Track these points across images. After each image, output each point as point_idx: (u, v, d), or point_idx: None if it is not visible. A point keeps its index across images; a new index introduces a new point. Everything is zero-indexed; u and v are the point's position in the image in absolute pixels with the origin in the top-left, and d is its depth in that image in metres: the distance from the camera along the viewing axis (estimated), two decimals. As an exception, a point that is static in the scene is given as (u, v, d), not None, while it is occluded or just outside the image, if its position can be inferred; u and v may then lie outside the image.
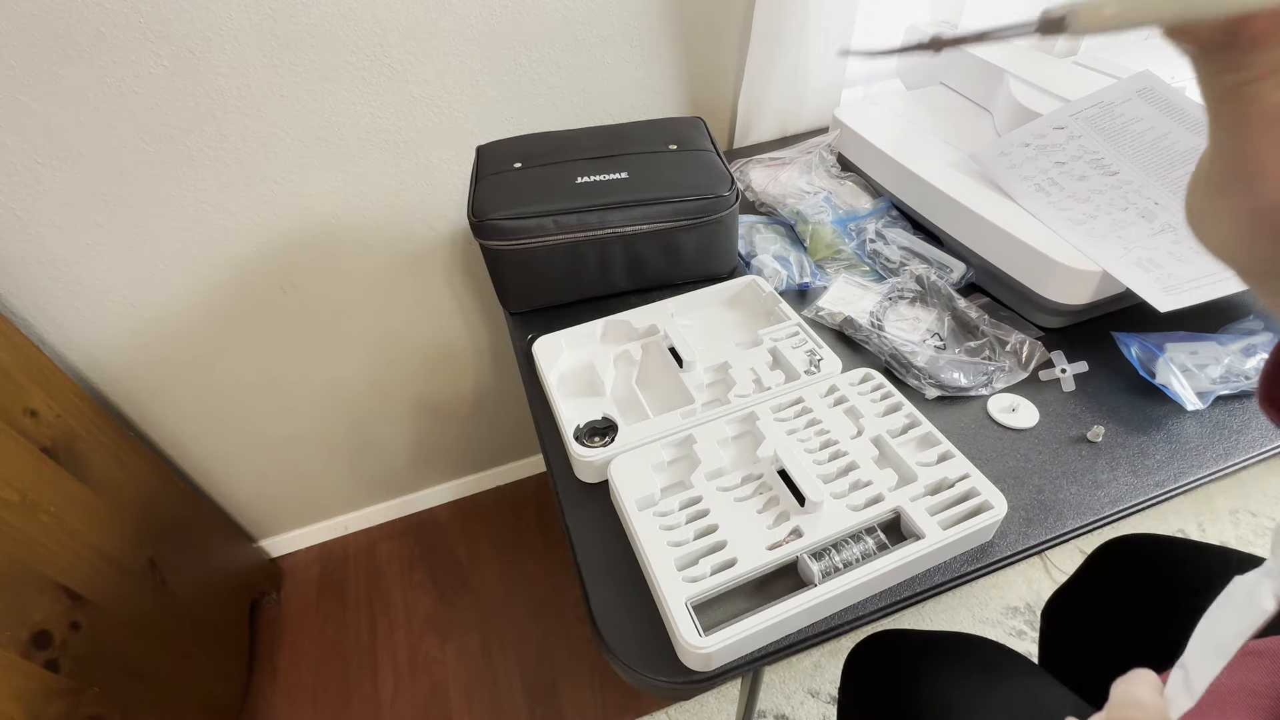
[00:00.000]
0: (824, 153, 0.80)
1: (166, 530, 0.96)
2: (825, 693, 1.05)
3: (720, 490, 0.48)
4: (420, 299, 1.01)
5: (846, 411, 0.52)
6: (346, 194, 0.86)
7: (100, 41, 0.67)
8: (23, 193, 0.74)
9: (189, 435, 1.03)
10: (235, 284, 0.89)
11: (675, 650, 0.41)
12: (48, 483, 0.76)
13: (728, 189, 0.64)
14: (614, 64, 0.86)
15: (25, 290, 0.80)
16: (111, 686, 0.78)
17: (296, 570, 1.28)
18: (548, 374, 0.58)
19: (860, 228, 0.71)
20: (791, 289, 0.68)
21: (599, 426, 0.53)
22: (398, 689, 1.11)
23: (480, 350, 1.13)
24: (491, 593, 1.22)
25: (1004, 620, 1.12)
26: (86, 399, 0.86)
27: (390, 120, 0.81)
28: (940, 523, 0.44)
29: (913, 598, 0.44)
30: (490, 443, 1.30)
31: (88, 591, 0.77)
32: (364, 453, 1.20)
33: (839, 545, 0.44)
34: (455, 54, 0.79)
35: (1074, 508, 0.48)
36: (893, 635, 0.57)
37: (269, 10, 0.70)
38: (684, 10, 0.84)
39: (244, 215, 0.84)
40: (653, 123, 0.73)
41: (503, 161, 0.68)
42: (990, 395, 0.56)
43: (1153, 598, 0.54)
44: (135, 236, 0.81)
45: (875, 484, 0.46)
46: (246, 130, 0.77)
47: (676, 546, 0.44)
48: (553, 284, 0.66)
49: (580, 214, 0.62)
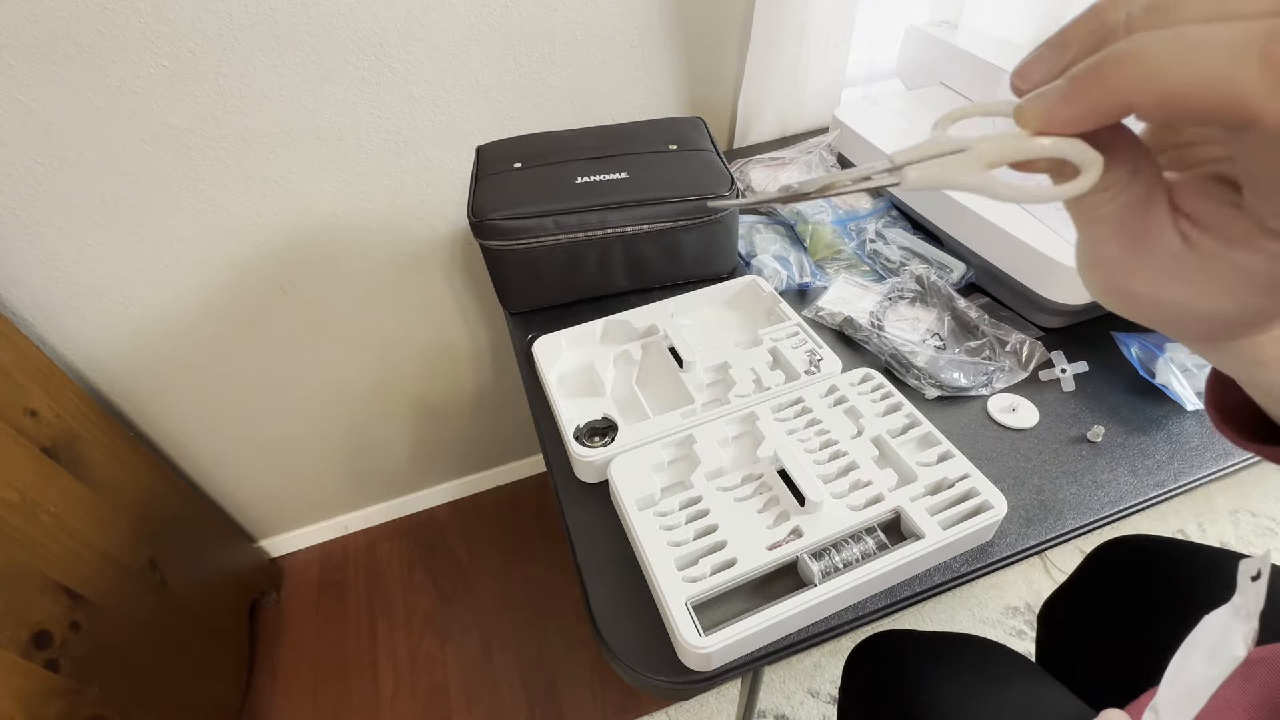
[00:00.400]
0: (824, 153, 0.80)
1: (166, 530, 0.96)
2: (825, 693, 1.05)
3: (720, 490, 0.48)
4: (420, 299, 1.01)
5: (846, 411, 0.52)
6: (346, 194, 0.86)
7: (100, 41, 0.67)
8: (23, 193, 0.74)
9: (189, 435, 1.03)
10: (235, 284, 0.89)
11: (675, 650, 0.42)
12: (48, 483, 0.76)
13: (728, 189, 0.64)
14: (614, 64, 0.86)
15: (25, 290, 0.80)
16: (111, 686, 0.78)
17: (296, 570, 1.28)
18: (548, 374, 0.58)
19: (860, 228, 0.71)
20: (791, 289, 0.68)
21: (599, 426, 0.53)
22: (398, 689, 1.11)
23: (480, 350, 1.13)
24: (491, 593, 1.22)
25: (1004, 620, 1.11)
26: (87, 399, 0.86)
27: (390, 120, 0.81)
28: (940, 523, 0.44)
29: (913, 598, 0.44)
30: (490, 443, 1.30)
31: (88, 591, 0.77)
32: (364, 453, 1.20)
33: (839, 545, 0.44)
34: (455, 54, 0.79)
35: (1074, 508, 0.48)
36: (893, 635, 0.57)
37: (269, 10, 0.70)
38: (684, 10, 0.84)
39: (244, 215, 0.84)
40: (653, 123, 0.73)
41: (503, 161, 0.68)
42: (990, 395, 0.56)
43: (1152, 598, 0.54)
44: (135, 236, 0.81)
45: (875, 484, 0.46)
46: (246, 130, 0.77)
47: (676, 546, 0.44)
48: (553, 284, 0.66)
49: (580, 214, 0.62)
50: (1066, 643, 0.63)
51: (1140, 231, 0.18)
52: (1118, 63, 0.15)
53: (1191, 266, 0.18)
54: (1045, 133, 0.17)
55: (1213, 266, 0.18)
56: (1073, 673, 0.56)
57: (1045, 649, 0.66)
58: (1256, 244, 0.17)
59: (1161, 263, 0.18)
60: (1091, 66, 0.16)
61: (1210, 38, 0.14)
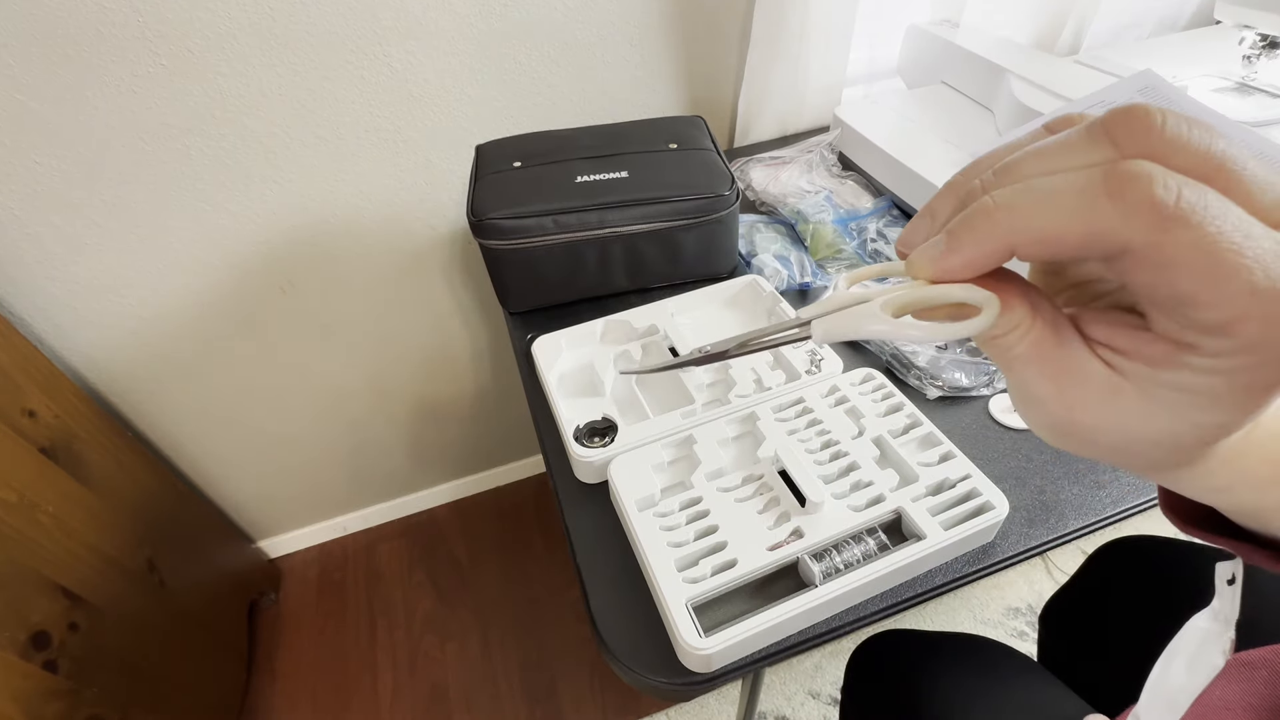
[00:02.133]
0: (825, 152, 0.80)
1: (165, 531, 0.96)
2: (826, 694, 1.04)
3: (720, 491, 0.47)
4: (420, 299, 1.01)
5: (847, 412, 0.52)
6: (346, 193, 0.86)
7: (99, 41, 0.67)
8: (21, 192, 0.73)
9: (187, 435, 1.03)
10: (234, 284, 0.89)
11: (675, 651, 0.41)
12: (46, 483, 0.75)
13: (728, 188, 0.64)
14: (614, 63, 0.85)
15: (24, 290, 0.80)
16: (110, 687, 0.78)
17: (295, 571, 1.28)
18: (547, 374, 0.57)
19: (861, 227, 0.71)
20: (792, 289, 0.67)
21: (599, 426, 0.53)
22: (397, 689, 1.11)
23: (480, 350, 1.13)
24: (491, 593, 1.22)
25: (1005, 621, 1.11)
26: (85, 399, 0.85)
27: (390, 120, 0.81)
28: (941, 523, 0.44)
29: (914, 599, 0.44)
30: (490, 443, 1.30)
31: (86, 592, 0.77)
32: (363, 452, 1.20)
33: (840, 546, 0.43)
34: (455, 53, 0.78)
35: (1076, 508, 0.47)
36: (894, 636, 0.57)
37: (268, 10, 0.70)
38: (684, 9, 0.83)
39: (243, 215, 0.83)
40: (653, 121, 0.73)
41: (502, 161, 0.67)
42: (992, 395, 0.55)
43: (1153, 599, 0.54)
44: (134, 236, 0.81)
45: (876, 484, 0.46)
46: (246, 130, 0.77)
47: (677, 547, 0.44)
48: (552, 284, 0.66)
49: (580, 213, 0.61)
50: (1068, 643, 0.62)
51: (1065, 366, 0.19)
52: (984, 213, 0.17)
53: (1127, 392, 0.18)
54: (938, 281, 0.19)
55: (1146, 390, 0.18)
56: (1075, 673, 0.56)
57: (1047, 650, 0.66)
58: (1178, 360, 0.17)
59: (1098, 392, 0.18)
60: (963, 219, 0.18)
61: (1056, 186, 0.16)
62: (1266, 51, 0.72)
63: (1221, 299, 0.15)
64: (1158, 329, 0.17)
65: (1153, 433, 0.18)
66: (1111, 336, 0.19)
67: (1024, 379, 0.20)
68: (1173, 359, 0.17)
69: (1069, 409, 0.19)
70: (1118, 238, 0.16)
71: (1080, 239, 0.16)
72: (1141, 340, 0.18)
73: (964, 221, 0.18)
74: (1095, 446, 0.20)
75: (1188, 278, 0.15)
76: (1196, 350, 0.16)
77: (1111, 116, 0.16)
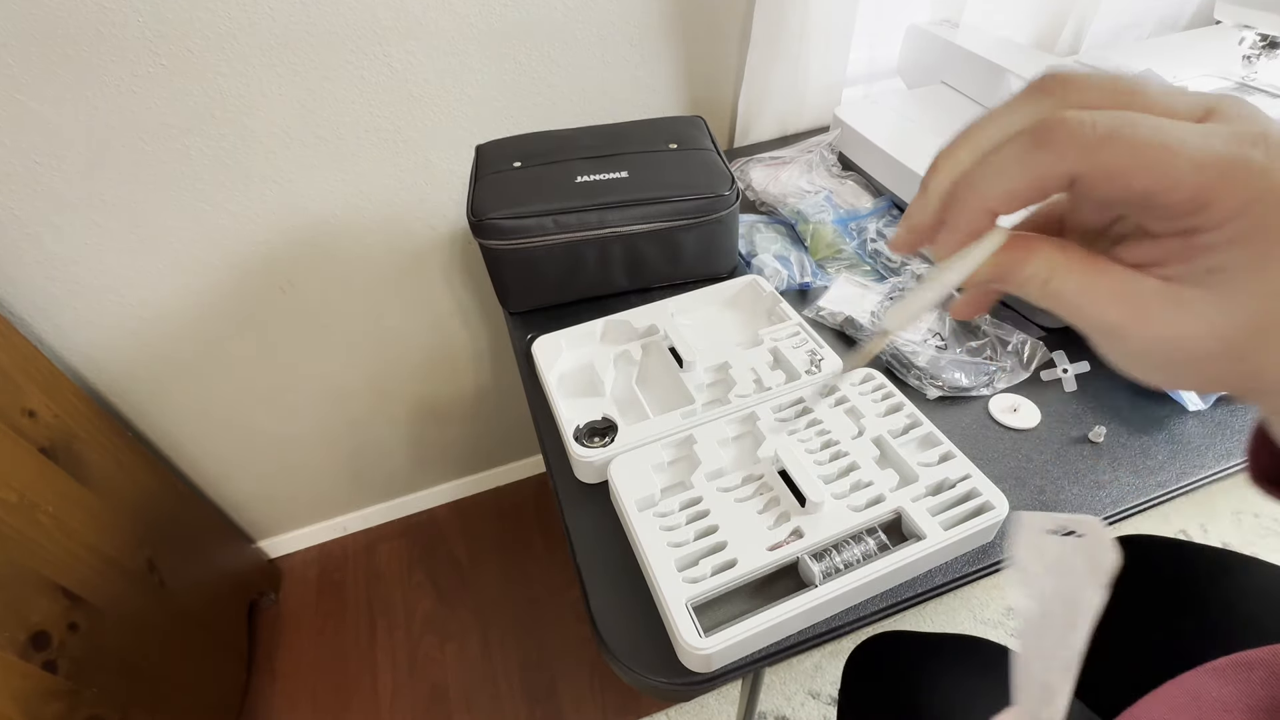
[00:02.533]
0: (825, 152, 0.80)
1: (165, 531, 0.96)
2: (826, 694, 1.04)
3: (720, 491, 0.47)
4: (420, 298, 1.01)
5: (847, 412, 0.52)
6: (346, 193, 0.86)
7: (99, 41, 0.67)
8: (21, 192, 0.73)
9: (187, 435, 1.03)
10: (234, 284, 0.89)
11: (675, 651, 0.41)
12: (46, 483, 0.75)
13: (728, 188, 0.64)
14: (614, 63, 0.85)
15: (24, 290, 0.80)
16: (110, 687, 0.78)
17: (295, 571, 1.28)
18: (547, 374, 0.57)
19: (861, 227, 0.71)
20: (792, 289, 0.67)
21: (599, 427, 0.53)
22: (397, 689, 1.11)
23: (480, 350, 1.13)
24: (491, 593, 1.22)
25: (1005, 621, 1.11)
26: (85, 399, 0.85)
27: (390, 120, 0.81)
28: (941, 523, 0.44)
29: (914, 599, 0.44)
30: (490, 443, 1.30)
31: (86, 592, 0.77)
32: (362, 453, 1.20)
33: (840, 546, 0.43)
34: (455, 53, 0.78)
35: (1075, 508, 0.47)
36: (894, 636, 0.56)
37: (268, 10, 0.70)
38: (684, 9, 0.83)
39: (243, 215, 0.83)
40: (653, 122, 0.73)
41: (502, 161, 0.67)
42: (992, 395, 0.55)
43: (1153, 599, 0.54)
44: (134, 236, 0.81)
45: (876, 484, 0.46)
46: (245, 130, 0.77)
47: (677, 547, 0.44)
48: (552, 284, 0.66)
49: (580, 213, 0.61)
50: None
51: (1121, 289, 0.21)
52: (961, 196, 0.21)
53: (1185, 294, 0.20)
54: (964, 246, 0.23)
55: (1197, 282, 0.19)
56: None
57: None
58: (1196, 246, 0.19)
59: (1161, 303, 0.20)
60: (950, 203, 0.22)
61: (1003, 155, 0.20)
62: (1266, 51, 0.73)
63: (1173, 181, 0.18)
64: (1161, 230, 0.20)
65: (1227, 327, 0.19)
66: (1142, 256, 0.21)
67: (1095, 315, 0.21)
68: (1191, 247, 0.19)
69: (1147, 325, 0.20)
70: (1060, 170, 0.19)
71: (1035, 183, 0.20)
72: (1162, 247, 0.20)
73: (951, 206, 0.22)
74: (1189, 362, 0.20)
75: (1138, 177, 0.18)
76: (1201, 230, 0.18)
77: (1034, 82, 0.21)
